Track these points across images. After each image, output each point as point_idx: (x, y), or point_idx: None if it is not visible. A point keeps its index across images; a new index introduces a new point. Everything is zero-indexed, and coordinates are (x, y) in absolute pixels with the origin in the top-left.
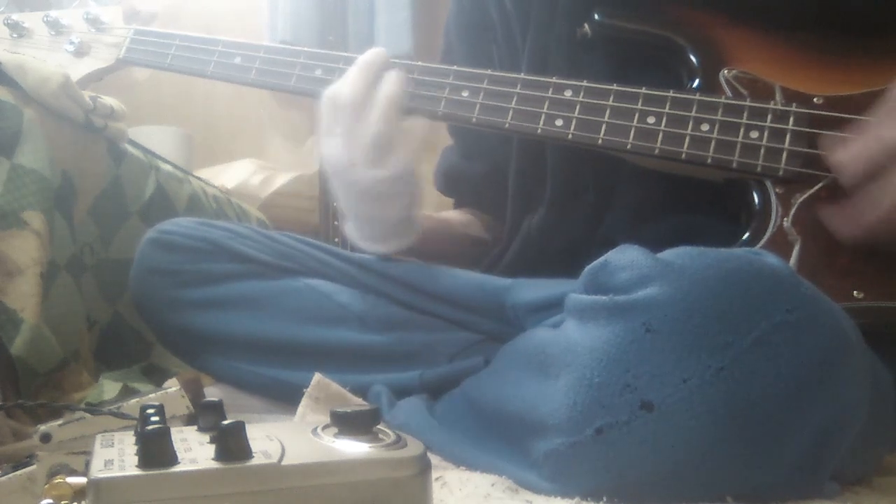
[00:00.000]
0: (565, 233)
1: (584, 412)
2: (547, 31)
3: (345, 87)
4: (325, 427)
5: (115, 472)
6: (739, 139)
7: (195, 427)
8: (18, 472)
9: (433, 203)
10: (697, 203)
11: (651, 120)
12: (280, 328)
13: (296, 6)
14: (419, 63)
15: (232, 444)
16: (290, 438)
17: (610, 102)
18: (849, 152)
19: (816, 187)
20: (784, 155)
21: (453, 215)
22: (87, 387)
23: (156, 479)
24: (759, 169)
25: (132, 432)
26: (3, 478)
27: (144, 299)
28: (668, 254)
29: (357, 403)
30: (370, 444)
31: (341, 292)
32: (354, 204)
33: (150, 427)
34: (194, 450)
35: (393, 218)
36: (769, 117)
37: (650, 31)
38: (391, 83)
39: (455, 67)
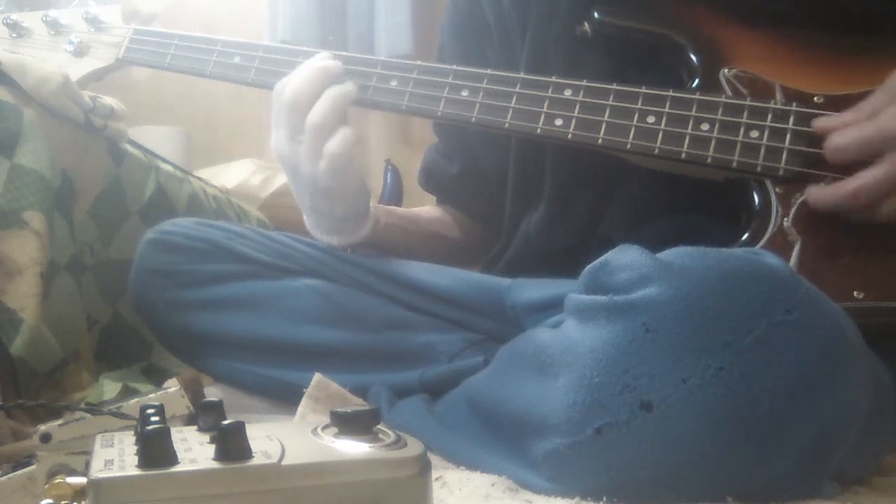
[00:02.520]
0: (565, 232)
1: (583, 412)
2: (546, 30)
3: (292, 83)
4: (325, 427)
5: (115, 472)
6: (739, 138)
7: (195, 427)
8: (18, 472)
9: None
10: (697, 203)
11: (651, 119)
12: (280, 328)
13: (296, 6)
14: (419, 63)
15: (232, 444)
16: (290, 438)
17: (610, 102)
18: (845, 137)
19: None
20: (784, 154)
21: (424, 211)
22: (87, 387)
23: (156, 479)
24: (759, 168)
25: (132, 432)
26: (3, 478)
27: (144, 300)
28: (668, 254)
29: (357, 403)
30: (370, 444)
31: (341, 292)
32: (302, 196)
33: (150, 427)
34: (194, 450)
35: (336, 214)
36: (769, 116)
37: (650, 30)
38: (343, 86)
39: (454, 67)
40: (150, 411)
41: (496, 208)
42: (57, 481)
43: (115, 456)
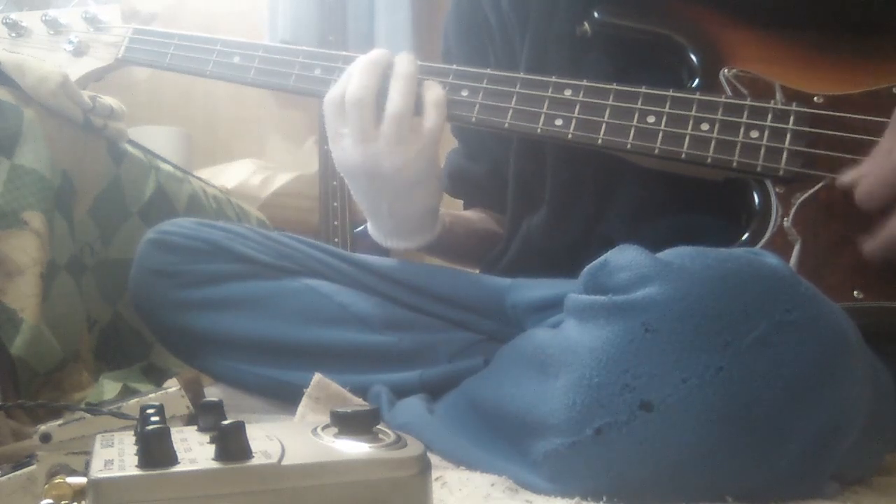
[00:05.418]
0: (565, 233)
1: (583, 412)
2: (546, 31)
3: (351, 83)
4: (325, 427)
5: (115, 472)
6: (739, 139)
7: (195, 427)
8: (18, 472)
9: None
10: (697, 203)
11: (651, 119)
12: (280, 328)
13: (296, 6)
14: (418, 62)
15: (232, 444)
16: (290, 438)
17: (610, 102)
18: (870, 184)
19: (816, 187)
20: (784, 154)
21: (469, 213)
22: (87, 387)
23: (156, 479)
24: (759, 169)
25: (132, 432)
26: (3, 478)
27: (144, 300)
28: (668, 254)
29: (357, 403)
30: (370, 444)
31: (341, 292)
32: (377, 200)
33: (150, 427)
34: (194, 450)
35: (416, 210)
36: (769, 116)
37: (650, 30)
38: (406, 63)
39: (454, 67)
40: (150, 411)
41: None
42: (57, 481)
43: (115, 456)
